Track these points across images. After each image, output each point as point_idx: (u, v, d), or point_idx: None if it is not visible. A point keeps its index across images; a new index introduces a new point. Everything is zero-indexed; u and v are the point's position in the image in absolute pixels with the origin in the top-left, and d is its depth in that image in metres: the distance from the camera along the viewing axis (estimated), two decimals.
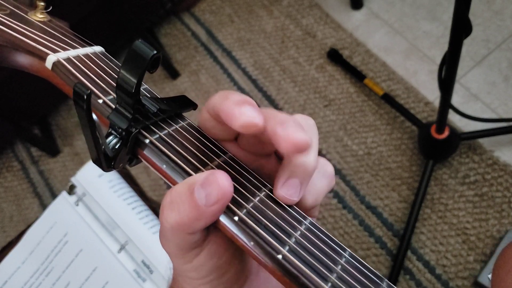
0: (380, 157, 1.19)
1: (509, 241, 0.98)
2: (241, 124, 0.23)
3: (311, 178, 0.26)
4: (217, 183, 0.23)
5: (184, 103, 0.30)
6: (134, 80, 0.24)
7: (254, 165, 0.28)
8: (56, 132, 1.41)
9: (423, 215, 1.10)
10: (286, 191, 0.25)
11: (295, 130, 0.24)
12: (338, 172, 1.19)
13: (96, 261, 0.62)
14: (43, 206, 1.31)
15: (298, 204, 0.26)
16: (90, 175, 0.67)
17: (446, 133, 1.06)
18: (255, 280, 0.29)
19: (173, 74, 1.39)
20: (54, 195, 1.31)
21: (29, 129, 1.37)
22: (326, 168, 0.28)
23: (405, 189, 1.14)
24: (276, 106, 1.29)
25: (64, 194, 0.67)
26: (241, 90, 1.34)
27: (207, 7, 1.48)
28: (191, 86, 1.38)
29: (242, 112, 0.24)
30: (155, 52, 0.24)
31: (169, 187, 0.25)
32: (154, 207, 0.67)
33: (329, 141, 1.22)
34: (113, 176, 0.68)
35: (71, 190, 0.67)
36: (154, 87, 1.39)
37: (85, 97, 0.23)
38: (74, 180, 0.67)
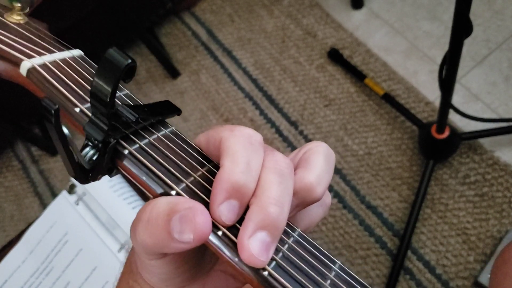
0: (381, 157, 1.19)
1: (510, 241, 0.98)
2: (214, 217, 0.23)
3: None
4: (194, 226, 0.21)
5: (167, 109, 0.28)
6: (109, 89, 0.23)
7: None
8: None
9: (423, 215, 1.10)
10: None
11: (259, 248, 0.22)
12: (338, 171, 1.19)
13: (96, 261, 0.62)
14: (43, 206, 1.31)
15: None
16: None
17: (446, 133, 1.05)
18: (204, 279, 0.29)
19: (174, 73, 1.39)
20: (54, 195, 1.31)
21: (29, 128, 1.37)
22: (325, 199, 0.27)
23: (405, 189, 1.14)
24: (276, 106, 1.29)
25: (64, 193, 0.67)
26: (242, 90, 1.34)
27: (207, 7, 1.48)
28: (192, 85, 1.38)
29: (222, 207, 0.23)
30: (129, 61, 0.22)
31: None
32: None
33: (329, 141, 1.22)
34: None
35: (71, 189, 0.67)
36: (155, 86, 1.39)
37: (53, 112, 0.22)
38: (74, 179, 0.67)
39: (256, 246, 0.22)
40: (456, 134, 1.09)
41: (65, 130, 0.22)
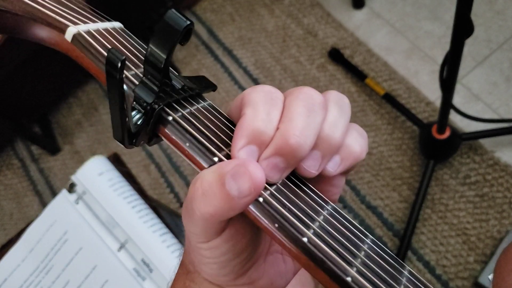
0: (381, 157, 1.18)
1: (510, 241, 0.98)
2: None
3: (333, 153, 0.25)
4: (249, 175, 0.22)
5: (204, 84, 0.29)
6: (164, 54, 0.23)
7: None
8: (56, 130, 1.41)
9: (423, 215, 1.10)
10: (306, 161, 0.24)
11: (271, 170, 0.24)
12: None
13: (95, 260, 0.62)
14: (43, 204, 1.31)
15: (344, 152, 0.26)
16: (90, 173, 0.67)
17: (447, 134, 1.05)
18: (262, 265, 0.28)
19: None
20: (54, 193, 1.31)
21: (29, 127, 1.37)
22: (362, 131, 0.28)
23: (405, 189, 1.14)
24: None
25: (64, 192, 0.67)
26: (242, 89, 1.34)
27: (208, 6, 1.48)
28: None
29: (241, 152, 0.24)
30: (188, 22, 0.23)
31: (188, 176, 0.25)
32: (154, 206, 0.67)
33: None
34: (113, 174, 0.68)
35: (71, 188, 0.67)
36: None
37: (119, 64, 0.22)
38: (74, 178, 0.67)
39: (267, 168, 0.23)
40: (457, 134, 1.09)
41: (125, 87, 0.23)
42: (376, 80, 1.26)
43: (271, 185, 0.24)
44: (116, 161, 0.72)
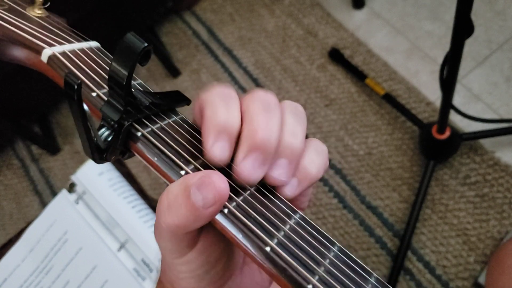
0: (381, 157, 1.18)
1: None
2: (208, 158, 0.25)
3: (299, 159, 0.26)
4: (213, 186, 0.23)
5: (177, 98, 0.30)
6: (125, 72, 0.24)
7: None
8: (56, 130, 1.41)
9: (423, 215, 1.10)
10: (275, 171, 0.25)
11: (252, 167, 0.24)
12: (338, 172, 1.19)
13: (95, 260, 0.62)
14: (43, 204, 1.31)
15: (300, 174, 0.26)
16: (90, 173, 0.67)
17: (447, 134, 1.05)
18: (239, 275, 0.29)
19: (174, 72, 1.39)
20: (54, 193, 1.31)
21: (29, 127, 1.37)
22: (320, 146, 0.28)
23: (405, 189, 1.14)
24: None
25: (64, 192, 0.67)
26: (242, 89, 1.34)
27: (208, 6, 1.48)
28: (192, 85, 1.38)
29: (213, 147, 0.25)
30: (146, 44, 0.24)
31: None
32: (154, 206, 0.66)
33: (330, 140, 1.22)
34: (113, 174, 0.68)
35: (71, 188, 0.67)
36: (155, 85, 1.39)
37: (76, 87, 0.23)
38: (74, 178, 0.67)
39: (250, 167, 0.25)
40: (457, 134, 1.09)
41: (85, 107, 0.24)
42: (376, 80, 1.26)
43: (238, 196, 0.25)
44: (116, 161, 0.72)
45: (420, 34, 1.31)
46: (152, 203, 0.67)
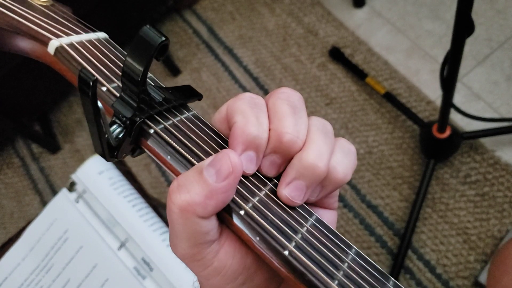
0: (381, 156, 1.18)
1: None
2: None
3: (318, 182, 0.25)
4: (227, 158, 0.22)
5: (189, 93, 0.29)
6: (141, 68, 0.23)
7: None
8: (56, 128, 1.41)
9: (424, 214, 1.10)
10: (289, 192, 0.24)
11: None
12: None
13: (96, 258, 0.62)
14: (44, 203, 1.31)
15: (328, 179, 0.25)
16: (90, 172, 0.67)
17: (447, 133, 1.05)
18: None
19: (174, 71, 1.39)
20: (54, 192, 1.31)
21: (30, 125, 1.37)
22: (348, 147, 0.27)
23: (406, 188, 1.14)
24: None
25: (64, 191, 0.67)
26: (243, 88, 1.34)
27: (208, 5, 1.48)
28: (192, 83, 1.38)
29: (236, 162, 0.23)
30: (163, 38, 0.23)
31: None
32: (155, 205, 0.67)
33: None
34: (114, 173, 0.68)
35: (71, 187, 0.67)
36: None
37: (91, 83, 0.22)
38: (74, 177, 0.67)
39: (265, 165, 0.25)
40: (457, 133, 1.09)
41: (99, 104, 0.23)
42: (377, 79, 1.26)
43: (254, 197, 0.24)
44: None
45: (421, 33, 1.31)
46: (152, 202, 0.67)
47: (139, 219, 0.64)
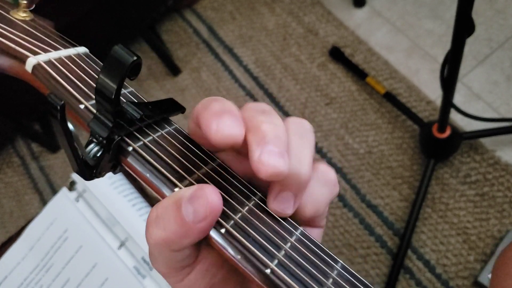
0: (381, 155, 1.18)
1: (510, 241, 0.98)
2: (218, 139, 0.22)
3: (305, 188, 0.24)
4: (205, 198, 0.21)
5: (171, 107, 0.28)
6: (114, 86, 0.23)
7: (248, 171, 0.26)
8: None
9: (423, 214, 1.10)
10: (278, 205, 0.24)
11: (271, 157, 0.22)
12: (339, 170, 1.19)
13: (96, 258, 0.62)
14: (44, 202, 1.31)
15: (297, 214, 0.25)
16: None
17: (447, 133, 1.05)
18: None
19: (174, 71, 1.39)
20: (54, 191, 1.31)
21: (29, 125, 1.37)
22: (326, 176, 0.26)
23: (406, 188, 1.14)
24: (277, 104, 1.29)
25: (64, 190, 0.67)
26: (242, 87, 1.34)
27: (208, 4, 1.48)
28: (192, 83, 1.38)
29: (219, 126, 0.22)
30: (135, 58, 0.22)
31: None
32: (154, 204, 0.66)
33: (330, 139, 1.22)
34: None
35: (71, 186, 0.67)
36: (155, 83, 1.39)
37: (59, 107, 0.22)
38: (74, 176, 0.67)
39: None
40: (457, 133, 1.09)
41: (70, 126, 0.23)
42: (377, 79, 1.26)
43: (236, 214, 0.23)
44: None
45: (421, 33, 1.31)
46: (152, 202, 0.67)
47: (139, 218, 0.64)
